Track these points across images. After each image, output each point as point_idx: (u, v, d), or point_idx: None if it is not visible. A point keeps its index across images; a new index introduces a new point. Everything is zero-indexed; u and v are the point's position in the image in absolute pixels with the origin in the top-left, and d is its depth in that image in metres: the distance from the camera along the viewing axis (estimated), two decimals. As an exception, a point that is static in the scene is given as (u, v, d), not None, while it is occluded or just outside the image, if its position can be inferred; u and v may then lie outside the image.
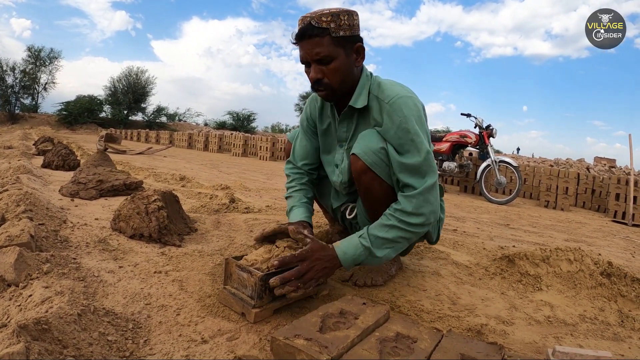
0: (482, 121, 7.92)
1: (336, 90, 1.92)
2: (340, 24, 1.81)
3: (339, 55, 1.85)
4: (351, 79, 1.94)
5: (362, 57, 1.95)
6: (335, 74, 1.87)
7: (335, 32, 1.81)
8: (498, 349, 1.35)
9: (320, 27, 1.79)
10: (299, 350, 1.18)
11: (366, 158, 1.85)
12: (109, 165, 4.37)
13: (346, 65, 1.89)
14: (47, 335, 1.20)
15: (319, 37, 1.81)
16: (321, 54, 1.82)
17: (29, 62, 39.28)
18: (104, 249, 2.20)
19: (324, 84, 1.89)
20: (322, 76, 1.87)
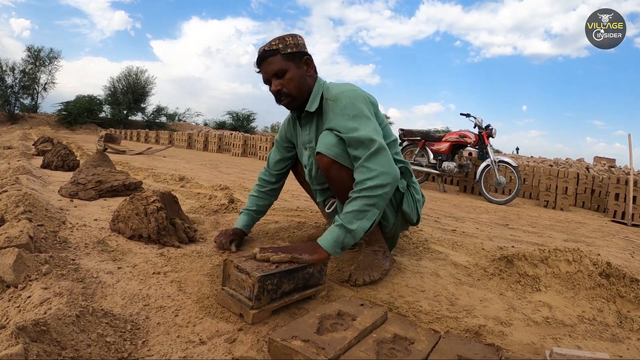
0: (482, 121, 7.93)
1: (295, 97, 2.23)
2: (287, 44, 2.19)
3: (290, 68, 2.19)
4: (306, 87, 2.24)
5: (311, 68, 2.27)
6: (290, 83, 2.19)
7: (283, 50, 2.17)
8: (495, 350, 1.35)
9: (271, 49, 2.18)
10: (296, 352, 1.18)
11: (329, 152, 2.05)
12: (108, 165, 4.36)
13: (298, 75, 2.21)
14: (46, 337, 1.20)
15: (272, 57, 2.18)
16: (275, 68, 2.18)
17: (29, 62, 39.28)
18: (103, 249, 2.20)
19: (283, 93, 2.21)
20: (281, 87, 2.20)
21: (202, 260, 2.19)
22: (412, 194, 2.34)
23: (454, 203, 6.56)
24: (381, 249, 2.28)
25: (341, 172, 2.08)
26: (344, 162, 2.06)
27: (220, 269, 1.98)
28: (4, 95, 36.72)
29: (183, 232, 2.52)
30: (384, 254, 2.27)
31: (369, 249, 2.27)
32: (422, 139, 8.63)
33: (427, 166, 8.48)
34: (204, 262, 2.16)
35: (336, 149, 2.05)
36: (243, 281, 1.65)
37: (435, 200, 6.62)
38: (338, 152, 2.05)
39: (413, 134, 8.82)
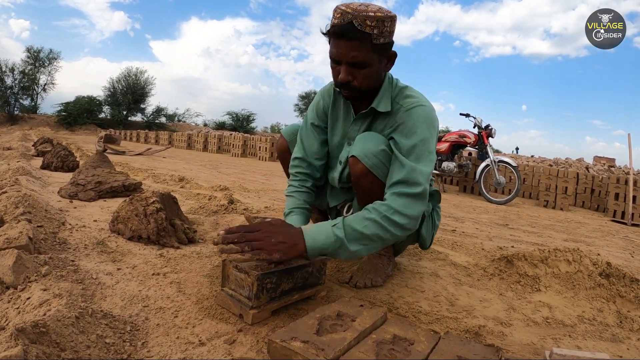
0: (481, 121, 7.94)
1: (364, 93, 1.90)
2: (383, 31, 1.76)
3: (373, 62, 1.81)
4: (378, 83, 1.94)
5: (391, 64, 1.95)
6: (365, 79, 1.84)
7: (376, 39, 1.75)
8: (495, 351, 1.35)
9: (363, 31, 1.72)
10: (295, 353, 1.18)
11: (366, 160, 1.83)
12: (108, 166, 4.36)
13: (377, 72, 1.87)
14: (45, 338, 1.20)
15: (360, 42, 1.74)
16: (358, 58, 1.78)
17: (28, 62, 39.35)
18: (103, 251, 2.20)
19: (352, 86, 1.85)
20: (352, 79, 1.83)
21: (202, 261, 2.18)
22: (434, 219, 2.21)
23: (453, 203, 6.56)
24: (387, 253, 2.20)
25: (373, 185, 1.88)
26: (380, 175, 1.86)
27: (220, 270, 1.98)
28: (4, 96, 36.80)
29: (182, 232, 2.51)
30: (389, 259, 2.21)
31: (374, 252, 2.12)
32: (422, 139, 8.62)
33: (426, 166, 8.48)
34: (203, 263, 2.16)
35: (375, 159, 1.84)
36: (242, 281, 1.63)
37: (435, 201, 6.61)
38: (377, 162, 1.84)
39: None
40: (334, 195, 2.29)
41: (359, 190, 1.95)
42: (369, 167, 1.84)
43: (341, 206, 2.27)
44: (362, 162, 1.84)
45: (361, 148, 1.86)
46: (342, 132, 2.15)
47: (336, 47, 1.79)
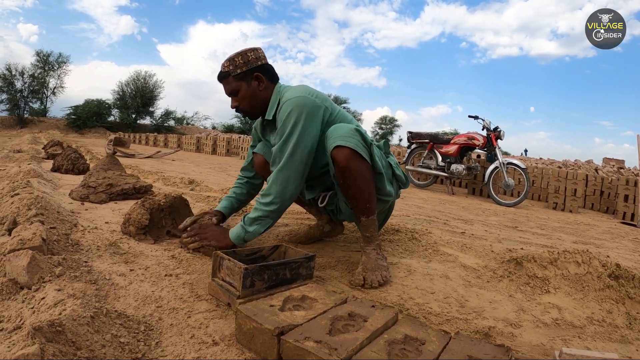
0: (490, 123, 7.92)
1: (249, 112, 2.50)
2: (237, 64, 2.38)
3: (241, 87, 2.42)
4: (260, 100, 2.46)
5: (263, 82, 2.44)
6: (243, 101, 2.44)
7: (233, 72, 2.39)
8: (505, 351, 1.36)
9: (224, 71, 2.42)
10: (308, 352, 1.20)
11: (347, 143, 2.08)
12: (119, 169, 4.39)
13: (249, 92, 2.43)
14: (61, 337, 1.22)
15: (225, 78, 2.44)
16: (229, 89, 2.44)
17: (38, 66, 39.55)
18: (115, 252, 2.22)
19: (240, 109, 2.48)
20: (238, 104, 2.46)
21: (213, 263, 2.20)
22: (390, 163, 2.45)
23: (462, 205, 6.55)
24: (378, 246, 2.30)
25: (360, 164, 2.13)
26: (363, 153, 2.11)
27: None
28: (14, 99, 37.00)
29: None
30: (380, 250, 2.31)
31: (369, 248, 2.27)
32: (431, 142, 8.64)
33: (435, 169, 8.49)
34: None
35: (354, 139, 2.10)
36: (232, 272, 1.75)
37: (444, 203, 6.61)
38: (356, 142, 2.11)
39: (421, 137, 8.82)
40: (309, 189, 2.67)
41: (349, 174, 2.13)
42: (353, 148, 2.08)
43: (317, 197, 2.65)
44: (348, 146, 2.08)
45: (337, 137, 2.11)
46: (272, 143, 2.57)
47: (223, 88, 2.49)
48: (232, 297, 1.69)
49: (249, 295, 1.69)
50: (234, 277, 1.74)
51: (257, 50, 2.46)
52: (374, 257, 2.23)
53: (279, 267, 1.83)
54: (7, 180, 3.97)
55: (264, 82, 2.44)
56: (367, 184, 2.17)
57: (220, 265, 1.84)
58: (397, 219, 4.03)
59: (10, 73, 37.19)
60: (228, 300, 1.71)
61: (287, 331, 1.32)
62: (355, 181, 2.14)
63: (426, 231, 3.22)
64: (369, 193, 2.19)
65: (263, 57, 2.47)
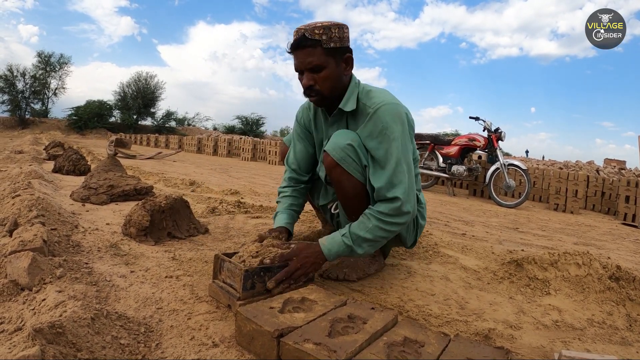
0: (491, 124, 7.93)
1: (326, 96, 2.09)
2: (331, 36, 2.00)
3: (329, 65, 2.03)
4: (340, 86, 2.11)
5: (350, 67, 2.13)
6: (325, 82, 2.05)
7: (326, 44, 1.99)
8: (505, 353, 1.36)
9: (313, 38, 1.98)
10: (308, 355, 1.20)
11: (335, 154, 2.02)
12: (120, 170, 4.40)
13: (336, 74, 2.06)
14: (62, 339, 1.22)
15: (312, 48, 2.00)
16: (313, 62, 2.01)
17: (39, 67, 39.55)
18: (116, 253, 2.23)
19: (315, 90, 2.07)
20: (314, 83, 2.05)
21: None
22: (417, 218, 2.31)
23: (463, 207, 6.55)
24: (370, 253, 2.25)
25: (342, 176, 2.05)
26: (348, 168, 2.03)
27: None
28: (15, 100, 36.98)
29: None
30: (373, 259, 2.31)
31: None
32: (432, 143, 8.64)
33: (436, 170, 8.48)
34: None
35: (343, 152, 2.01)
36: (232, 274, 1.75)
37: (445, 204, 6.62)
38: (344, 156, 2.01)
39: (422, 138, 8.82)
40: (323, 195, 2.53)
41: (332, 181, 2.13)
42: (337, 160, 2.02)
43: (330, 205, 2.52)
44: (331, 156, 2.03)
45: (331, 143, 2.06)
46: (322, 135, 2.35)
47: (296, 58, 2.07)
48: (233, 298, 1.69)
49: (250, 297, 1.69)
50: (235, 279, 1.74)
51: (348, 29, 2.11)
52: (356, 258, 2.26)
53: (279, 269, 1.82)
54: (9, 182, 3.98)
55: (351, 68, 2.15)
56: (349, 198, 2.12)
57: (221, 267, 1.84)
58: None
59: (11, 74, 37.18)
60: (228, 302, 1.71)
61: (286, 333, 1.32)
62: (339, 190, 2.14)
63: (427, 233, 3.22)
64: (352, 206, 2.13)
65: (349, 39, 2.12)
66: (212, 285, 1.82)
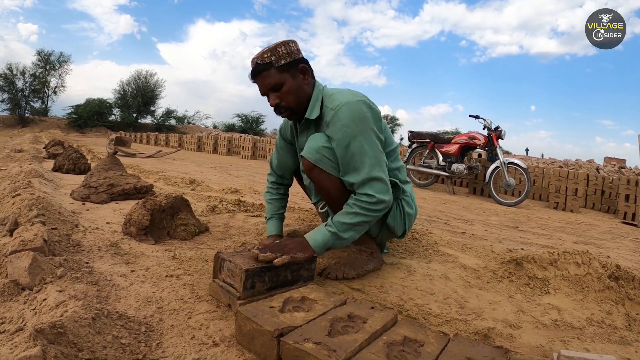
0: (491, 122, 7.93)
1: (293, 108, 2.23)
2: (280, 55, 2.13)
3: (286, 80, 2.15)
4: (304, 95, 2.23)
5: (308, 75, 2.23)
6: (287, 96, 2.17)
7: (277, 63, 2.12)
8: (504, 352, 1.37)
9: (264, 62, 2.13)
10: (308, 354, 1.20)
11: (310, 157, 2.13)
12: (120, 169, 4.40)
13: (295, 86, 2.18)
14: (63, 339, 1.23)
15: (266, 71, 2.14)
16: (271, 83, 2.15)
17: (39, 66, 39.53)
18: (116, 253, 2.23)
19: (282, 106, 2.21)
20: (279, 100, 2.19)
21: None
22: (402, 207, 2.38)
23: (463, 205, 6.56)
24: (368, 249, 2.34)
25: (321, 175, 2.16)
26: (325, 167, 2.14)
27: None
28: (15, 99, 36.97)
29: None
30: (371, 255, 2.34)
31: (355, 248, 2.35)
32: (431, 141, 8.65)
33: (436, 168, 8.49)
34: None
35: (318, 154, 2.12)
36: (232, 273, 1.77)
37: (445, 202, 6.62)
38: (319, 157, 2.12)
39: (422, 136, 8.83)
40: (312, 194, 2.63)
41: (313, 182, 2.25)
42: (314, 162, 2.13)
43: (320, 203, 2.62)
44: (308, 159, 2.14)
45: (307, 147, 2.16)
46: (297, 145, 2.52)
47: (258, 85, 2.22)
48: (233, 298, 1.70)
49: (250, 296, 1.70)
50: (235, 279, 1.75)
51: (295, 42, 2.23)
52: (354, 256, 2.31)
53: (279, 268, 1.83)
54: (9, 181, 3.98)
55: (309, 75, 2.24)
56: (332, 197, 2.22)
57: (221, 266, 1.85)
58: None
59: (11, 72, 37.17)
60: (228, 301, 1.72)
61: (286, 332, 1.32)
62: (321, 190, 2.24)
63: (427, 231, 3.23)
64: (336, 201, 2.21)
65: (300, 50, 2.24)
66: (213, 285, 1.83)
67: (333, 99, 2.18)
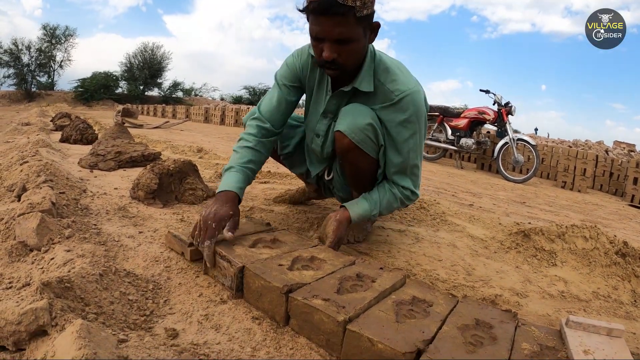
0: (501, 98, 7.86)
1: (349, 70, 1.84)
2: (365, 2, 1.66)
3: (359, 37, 1.74)
4: (362, 59, 1.88)
5: (376, 35, 1.86)
6: (351, 55, 1.78)
7: (359, 11, 1.65)
8: (512, 316, 1.36)
9: (345, 4, 1.61)
10: (316, 310, 1.20)
11: (353, 136, 1.86)
12: (127, 137, 4.40)
13: (362, 46, 1.80)
14: (70, 293, 1.23)
15: (342, 16, 1.64)
16: (343, 34, 1.69)
17: (45, 40, 39.44)
18: (124, 215, 2.23)
19: (337, 63, 1.76)
20: (338, 56, 1.74)
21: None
22: None
23: (471, 179, 6.54)
24: None
25: (360, 157, 1.93)
26: (367, 149, 1.90)
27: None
28: (21, 73, 36.98)
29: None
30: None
31: None
32: (441, 115, 8.59)
33: (445, 142, 8.45)
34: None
35: (362, 134, 1.86)
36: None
37: (453, 176, 6.61)
38: (364, 137, 1.86)
39: (432, 110, 8.77)
40: (314, 164, 2.35)
41: (346, 163, 2.02)
42: (356, 142, 1.87)
43: (322, 173, 2.34)
44: (349, 137, 1.86)
45: (348, 123, 1.87)
46: (317, 103, 2.14)
47: (318, 24, 1.71)
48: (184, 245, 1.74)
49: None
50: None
51: None
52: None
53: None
54: (16, 150, 3.98)
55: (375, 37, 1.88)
56: (363, 175, 2.04)
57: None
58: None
59: (16, 48, 37.12)
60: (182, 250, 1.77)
61: (295, 289, 1.32)
62: (351, 169, 2.03)
63: (434, 201, 3.22)
64: (363, 181, 2.07)
65: None
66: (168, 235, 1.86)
67: (394, 80, 1.90)
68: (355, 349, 1.12)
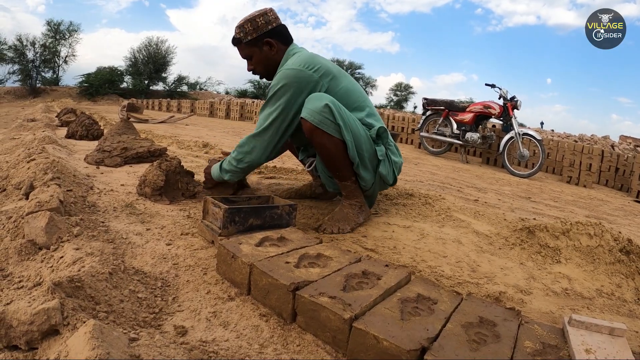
0: (507, 92, 7.82)
1: (265, 74, 2.64)
2: (246, 32, 2.48)
3: (254, 53, 2.54)
4: (273, 63, 2.57)
5: (275, 47, 2.52)
6: (259, 64, 2.58)
7: (244, 39, 2.50)
8: (516, 314, 1.38)
9: (236, 38, 2.53)
10: (323, 307, 1.22)
11: (312, 119, 2.21)
12: (133, 133, 4.41)
13: (263, 57, 2.55)
14: (80, 292, 1.25)
15: (238, 45, 2.57)
16: (243, 55, 2.59)
17: (49, 36, 39.35)
18: (131, 212, 2.25)
19: (256, 72, 2.63)
20: (253, 67, 2.61)
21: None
22: (389, 156, 2.52)
23: (476, 174, 6.53)
24: (358, 203, 2.44)
25: (323, 137, 2.24)
26: (327, 129, 2.21)
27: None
28: (26, 69, 36.90)
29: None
30: (360, 208, 2.45)
31: (346, 202, 2.46)
32: (446, 109, 8.57)
33: (450, 136, 8.44)
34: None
35: (320, 116, 2.20)
36: (216, 214, 1.94)
37: (458, 171, 6.60)
38: (322, 119, 2.20)
39: (437, 104, 8.75)
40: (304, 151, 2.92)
41: (314, 145, 2.33)
42: (316, 124, 2.21)
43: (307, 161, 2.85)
44: (309, 121, 2.22)
45: (307, 109, 2.25)
46: None
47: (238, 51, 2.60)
48: (215, 234, 1.89)
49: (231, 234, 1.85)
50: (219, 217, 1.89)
51: (267, 13, 2.50)
52: (346, 210, 2.40)
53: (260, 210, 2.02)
54: (23, 147, 4.00)
55: (276, 46, 2.53)
56: (332, 156, 2.32)
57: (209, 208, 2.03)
58: (410, 184, 4.06)
59: (21, 44, 37.02)
60: (212, 238, 1.92)
61: (302, 287, 1.34)
62: (321, 151, 2.34)
63: (439, 197, 3.23)
64: (336, 163, 2.35)
65: (274, 19, 2.52)
66: (201, 225, 2.04)
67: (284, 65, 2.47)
68: (360, 346, 1.14)
